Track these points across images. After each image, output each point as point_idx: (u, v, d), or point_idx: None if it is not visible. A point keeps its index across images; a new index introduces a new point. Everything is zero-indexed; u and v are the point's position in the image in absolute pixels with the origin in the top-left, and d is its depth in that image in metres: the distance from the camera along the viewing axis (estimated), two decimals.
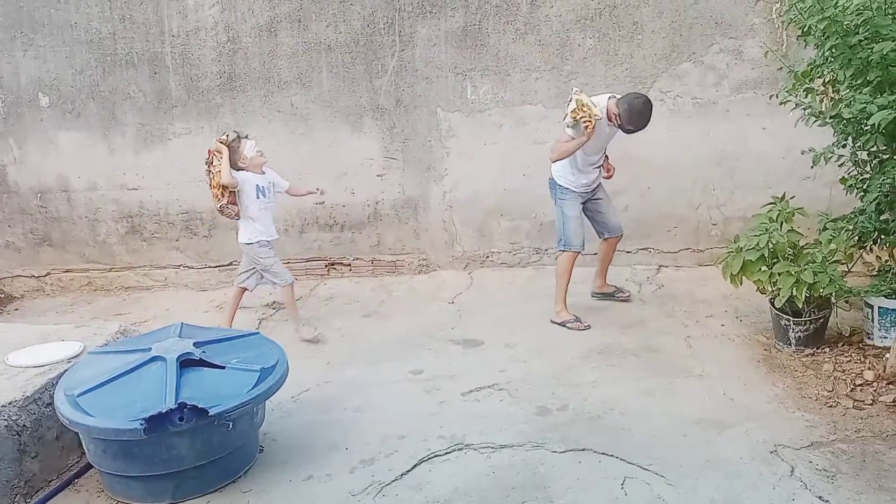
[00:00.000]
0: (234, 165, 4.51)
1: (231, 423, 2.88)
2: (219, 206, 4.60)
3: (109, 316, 5.29)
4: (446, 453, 3.12)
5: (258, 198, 4.60)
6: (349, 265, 5.94)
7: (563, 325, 4.53)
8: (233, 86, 5.68)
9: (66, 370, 3.11)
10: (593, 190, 4.72)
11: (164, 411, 2.70)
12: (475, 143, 5.65)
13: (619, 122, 4.33)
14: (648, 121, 4.35)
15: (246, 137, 4.66)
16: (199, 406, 2.75)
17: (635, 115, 4.28)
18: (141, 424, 2.67)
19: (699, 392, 3.57)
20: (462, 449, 3.15)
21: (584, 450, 3.10)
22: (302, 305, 5.31)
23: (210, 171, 4.57)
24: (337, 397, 3.72)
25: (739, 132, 5.41)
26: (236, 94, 5.69)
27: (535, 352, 4.16)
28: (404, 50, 5.56)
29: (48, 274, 6.07)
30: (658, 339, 4.27)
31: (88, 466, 3.03)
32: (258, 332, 3.63)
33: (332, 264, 5.93)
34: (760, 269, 3.91)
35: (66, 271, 6.07)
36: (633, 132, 4.39)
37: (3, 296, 5.97)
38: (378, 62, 5.60)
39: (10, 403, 2.83)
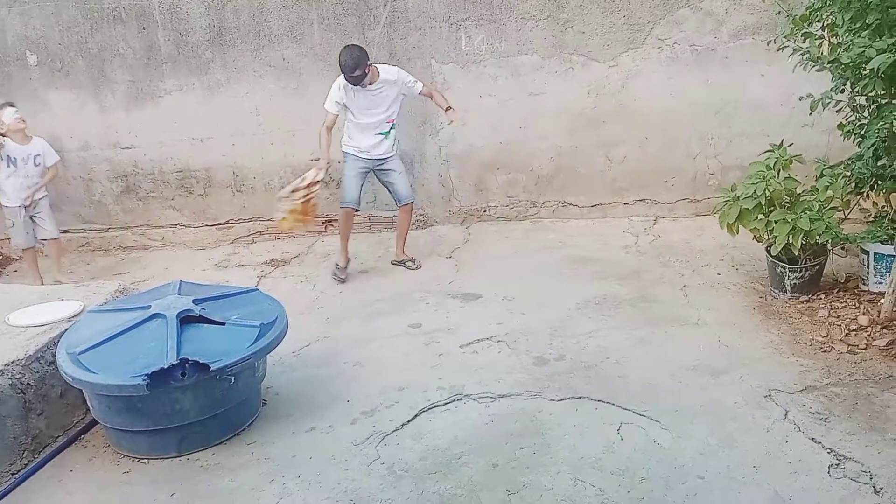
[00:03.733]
0: None
1: (233, 378, 2.92)
2: None
3: (108, 276, 5.31)
4: (446, 403, 3.17)
5: (8, 166, 5.08)
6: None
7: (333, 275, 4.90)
8: (223, 40, 5.58)
9: (67, 329, 3.13)
10: (382, 160, 4.91)
11: (166, 367, 2.73)
12: (470, 96, 5.58)
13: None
14: (351, 60, 4.55)
15: (9, 105, 5.15)
16: (201, 361, 2.79)
17: (342, 65, 4.59)
18: (144, 380, 2.70)
19: (695, 340, 3.61)
20: (461, 399, 3.20)
21: (580, 398, 3.15)
22: (300, 262, 5.34)
23: None
24: (337, 352, 3.76)
25: (737, 79, 5.34)
26: (226, 48, 5.60)
27: (532, 304, 4.19)
28: (396, 0, 5.45)
29: None
30: (654, 289, 4.30)
31: (94, 422, 3.08)
32: (257, 289, 3.66)
33: (330, 221, 5.91)
34: (757, 217, 3.90)
35: (63, 232, 6.04)
36: (355, 77, 4.58)
37: (1, 258, 5.98)
38: (370, 13, 5.49)
39: (13, 362, 2.86)
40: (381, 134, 4.83)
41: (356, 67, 4.56)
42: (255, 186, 5.88)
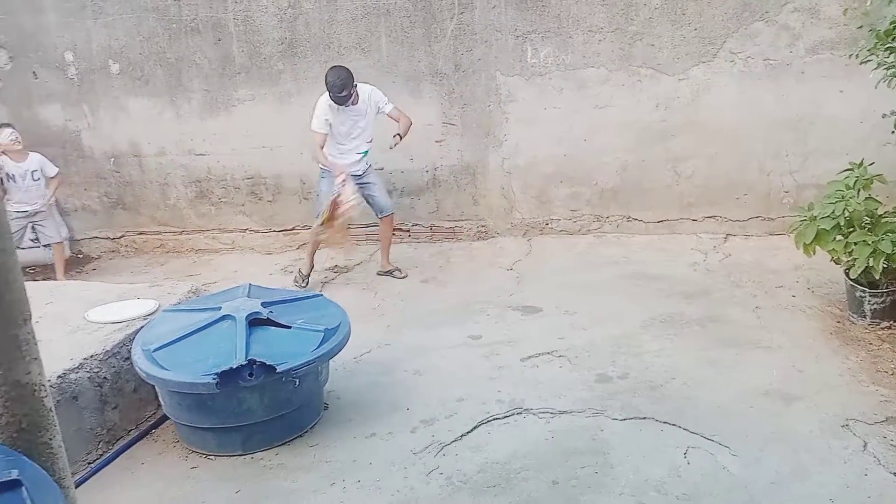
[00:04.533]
0: None
1: (297, 380, 2.97)
2: None
3: (181, 276, 5.49)
4: (505, 417, 3.14)
5: (7, 182, 5.43)
6: (408, 231, 5.98)
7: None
8: (294, 52, 5.73)
9: (143, 326, 3.25)
10: (360, 176, 4.99)
11: (234, 367, 2.81)
12: (535, 108, 5.56)
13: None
14: (339, 80, 4.68)
15: (6, 126, 5.49)
16: (268, 363, 2.85)
17: (329, 85, 4.71)
18: (214, 378, 2.78)
19: (767, 363, 3.48)
20: (521, 413, 3.17)
21: (645, 418, 3.07)
22: (362, 270, 5.40)
23: None
24: (397, 359, 3.78)
25: (814, 95, 5.16)
26: (297, 60, 5.74)
27: (594, 319, 4.13)
28: (463, 13, 5.49)
29: (122, 236, 6.33)
30: (724, 309, 4.17)
31: (164, 418, 3.18)
32: (321, 294, 3.73)
33: (392, 230, 5.96)
34: (835, 238, 3.75)
35: (140, 233, 6.31)
36: (342, 97, 4.72)
37: (80, 256, 6.27)
38: (437, 25, 5.54)
39: (91, 356, 2.98)
40: (361, 153, 4.98)
41: (343, 88, 4.69)
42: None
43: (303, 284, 5.07)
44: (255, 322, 3.10)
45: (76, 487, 2.70)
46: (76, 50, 5.91)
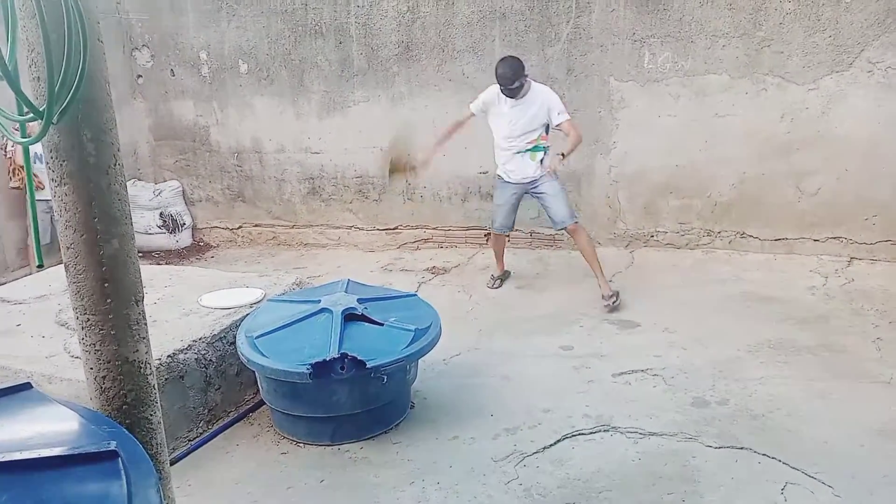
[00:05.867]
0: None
1: (385, 377, 3.04)
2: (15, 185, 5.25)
3: (289, 268, 5.76)
4: (591, 433, 3.07)
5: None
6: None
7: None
8: (409, 55, 5.86)
9: (248, 314, 3.44)
10: (532, 182, 4.75)
11: (328, 359, 2.91)
12: (648, 115, 5.39)
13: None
14: (510, 70, 4.48)
15: None
16: (359, 358, 2.93)
17: (500, 76, 4.52)
18: (308, 369, 2.90)
19: (884, 400, 3.20)
20: (608, 430, 3.08)
21: (742, 448, 2.91)
22: (460, 272, 5.45)
23: (5, 153, 5.12)
24: (486, 364, 3.79)
25: None
26: (412, 63, 5.87)
27: (696, 339, 3.95)
28: (580, 16, 5.40)
29: (240, 227, 6.72)
30: (841, 338, 3.87)
31: (261, 402, 3.35)
32: (416, 294, 3.79)
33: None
34: None
35: (256, 225, 6.68)
36: (513, 90, 4.53)
37: (201, 244, 6.72)
38: (552, 29, 5.49)
39: (200, 339, 3.19)
40: (520, 153, 4.69)
41: (515, 79, 4.50)
42: (425, 196, 6.10)
43: (493, 285, 5.04)
44: (350, 317, 3.20)
45: (176, 462, 2.92)
46: (210, 50, 6.34)
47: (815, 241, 5.20)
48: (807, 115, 5.07)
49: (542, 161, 4.72)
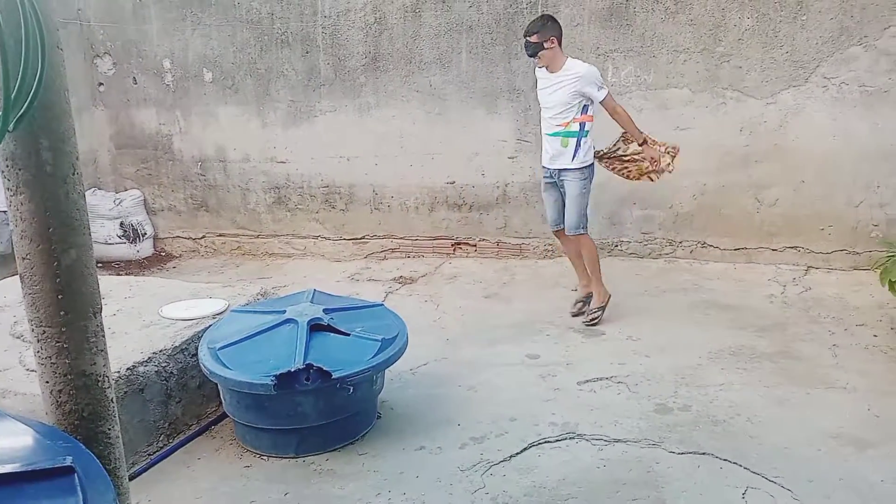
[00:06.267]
0: None
1: (352, 388, 3.01)
2: None
3: (254, 279, 5.69)
4: (557, 440, 3.09)
5: None
6: (475, 245, 6.00)
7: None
8: (376, 66, 5.87)
9: (211, 325, 3.39)
10: (560, 172, 4.33)
11: (292, 370, 2.88)
12: (612, 128, 5.45)
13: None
14: (531, 23, 4.23)
15: None
16: (325, 369, 2.91)
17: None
18: (272, 380, 2.86)
19: (840, 405, 3.28)
20: (573, 438, 3.10)
21: (704, 454, 2.95)
22: (426, 282, 5.45)
23: None
24: (453, 374, 3.79)
25: None
26: (379, 73, 5.88)
27: (659, 347, 4.01)
28: None
29: (203, 237, 6.63)
30: (799, 345, 3.97)
31: (224, 415, 3.29)
32: (382, 304, 3.77)
33: (459, 244, 6.02)
34: None
35: (219, 235, 6.60)
36: (526, 44, 4.22)
37: (163, 254, 6.61)
38: (518, 43, 5.54)
39: (160, 351, 3.13)
40: (552, 135, 4.27)
41: (532, 32, 4.11)
42: (392, 205, 6.10)
43: (574, 309, 4.53)
44: (315, 327, 3.17)
45: (136, 477, 2.86)
46: (173, 58, 6.27)
47: (773, 250, 5.34)
48: (765, 129, 5.21)
49: (575, 151, 4.24)
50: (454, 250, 6.05)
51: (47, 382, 1.76)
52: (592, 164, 4.35)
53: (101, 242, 6.31)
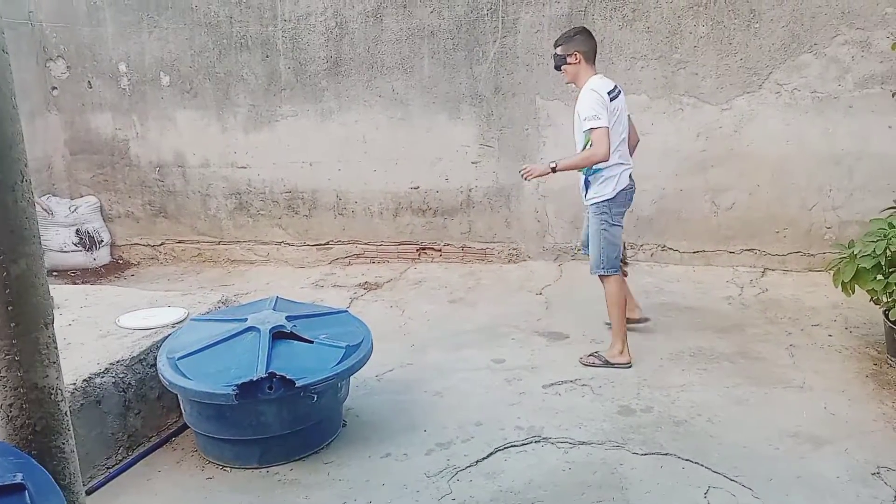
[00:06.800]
0: None
1: (316, 396, 2.98)
2: None
3: (215, 286, 5.60)
4: (523, 444, 3.10)
5: None
6: (440, 251, 6.00)
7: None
8: (338, 70, 5.83)
9: (170, 334, 3.31)
10: (586, 204, 3.93)
11: (255, 379, 2.83)
12: (572, 133, 5.52)
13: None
14: (560, 36, 3.84)
15: None
16: (288, 377, 2.86)
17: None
18: (233, 390, 2.80)
19: (797, 404, 3.36)
20: (539, 441, 3.12)
21: (666, 454, 2.99)
22: (392, 288, 5.43)
23: None
24: (419, 379, 3.78)
25: (862, 130, 5.03)
26: (341, 78, 5.84)
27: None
28: (506, 36, 5.52)
29: (162, 244, 6.50)
30: (757, 345, 4.05)
31: (185, 426, 3.22)
32: (347, 311, 3.73)
33: (423, 249, 6.02)
34: (875, 277, 3.62)
35: (179, 242, 6.47)
36: (553, 56, 3.86)
37: (121, 262, 6.45)
38: (479, 49, 5.58)
39: (118, 362, 3.05)
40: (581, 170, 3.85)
41: (558, 44, 3.77)
42: (356, 211, 6.06)
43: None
44: (278, 335, 3.13)
45: (94, 491, 2.78)
46: (129, 61, 6.14)
47: (730, 252, 5.45)
48: (720, 134, 5.32)
49: (586, 184, 3.84)
50: (419, 255, 6.04)
51: None
52: (614, 199, 3.76)
53: (56, 250, 6.14)
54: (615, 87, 3.78)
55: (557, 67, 3.86)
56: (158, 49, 6.06)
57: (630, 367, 3.80)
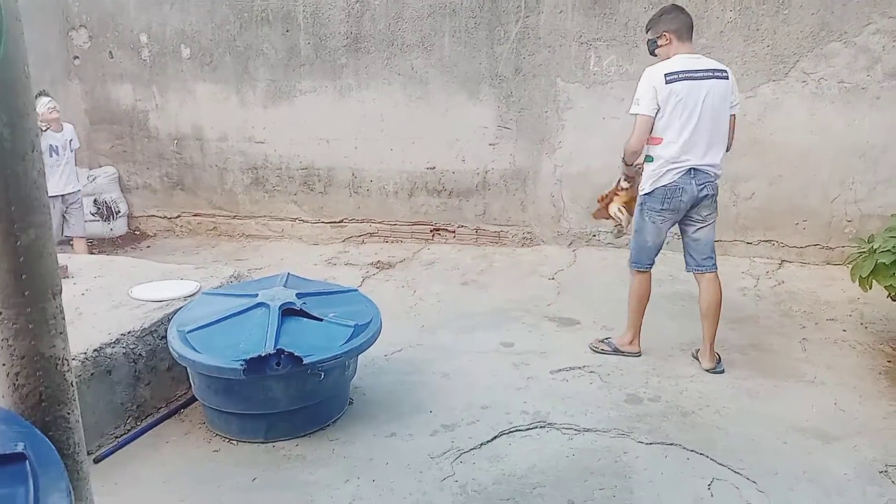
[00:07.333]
0: None
1: (323, 374, 2.99)
2: None
3: (230, 260, 5.64)
4: (528, 429, 3.10)
5: (51, 156, 5.01)
6: (454, 232, 5.99)
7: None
8: (358, 47, 5.79)
9: (182, 307, 3.34)
10: None
11: (263, 355, 2.84)
12: (593, 117, 5.47)
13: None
14: (650, 20, 3.61)
15: (43, 95, 5.04)
16: (296, 354, 2.88)
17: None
18: (241, 365, 2.82)
19: (807, 399, 3.33)
20: (544, 427, 3.11)
21: (672, 444, 2.98)
22: (404, 268, 5.43)
23: None
24: (427, 360, 3.78)
25: (889, 122, 4.92)
26: (360, 55, 5.80)
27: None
28: (529, 16, 5.44)
29: (179, 216, 6.54)
30: (770, 338, 4.01)
31: (193, 398, 3.26)
32: (356, 290, 3.74)
33: (437, 230, 6.00)
34: (894, 273, 3.55)
35: (195, 215, 6.51)
36: (648, 45, 3.62)
37: (137, 233, 6.51)
38: (501, 28, 5.51)
39: (129, 332, 3.08)
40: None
41: (647, 28, 3.59)
42: (371, 189, 6.05)
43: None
44: (288, 312, 3.14)
45: (102, 460, 2.82)
46: (151, 32, 6.14)
47: (747, 243, 5.38)
48: (744, 122, 5.20)
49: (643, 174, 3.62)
50: (433, 236, 6.03)
51: (3, 365, 1.71)
52: (651, 194, 3.53)
53: None
54: (687, 70, 3.36)
55: (652, 52, 3.59)
56: (179, 21, 6.05)
57: (639, 356, 3.78)
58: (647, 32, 3.64)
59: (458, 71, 5.66)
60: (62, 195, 5.19)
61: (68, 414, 1.78)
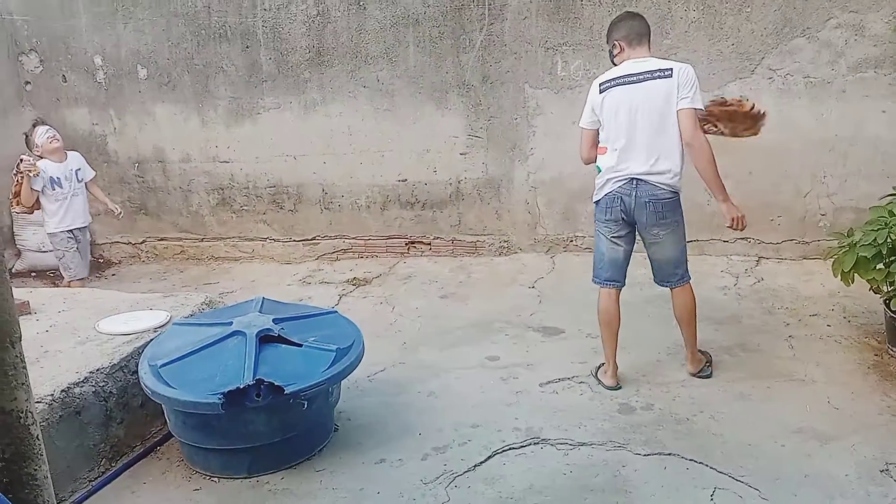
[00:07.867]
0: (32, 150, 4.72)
1: (306, 402, 2.86)
2: (14, 210, 5.12)
3: (199, 284, 5.45)
4: (521, 447, 3.00)
5: (53, 189, 4.70)
6: (429, 244, 5.88)
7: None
8: (321, 60, 5.67)
9: (152, 340, 3.18)
10: None
11: (241, 387, 2.70)
12: (563, 122, 5.41)
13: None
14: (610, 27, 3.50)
15: (41, 124, 4.81)
16: (276, 383, 2.74)
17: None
18: (219, 398, 2.68)
19: (801, 398, 3.29)
20: (538, 443, 3.02)
21: (670, 454, 2.91)
22: (381, 283, 5.30)
23: (15, 181, 4.66)
24: (412, 379, 3.67)
25: (856, 115, 4.96)
26: (324, 68, 5.68)
27: (618, 344, 3.95)
28: (493, 23, 5.38)
29: (144, 241, 6.32)
30: (755, 337, 3.98)
31: (170, 435, 3.09)
32: (336, 311, 3.61)
33: (413, 243, 5.89)
34: (876, 267, 3.55)
35: (161, 239, 6.30)
36: (610, 58, 3.51)
37: (101, 261, 6.27)
38: (466, 36, 5.44)
39: (98, 370, 2.92)
40: None
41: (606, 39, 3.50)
42: (343, 205, 5.92)
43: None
44: (265, 339, 3.00)
45: None
46: (105, 54, 5.94)
47: (724, 241, 5.38)
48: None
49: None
50: (408, 249, 5.92)
51: None
52: (597, 204, 3.49)
53: (34, 250, 5.96)
54: (624, 75, 3.30)
55: (613, 63, 3.49)
56: (134, 41, 5.86)
57: (618, 389, 3.45)
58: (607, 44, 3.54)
59: (424, 81, 5.57)
60: (70, 230, 4.82)
61: (35, 471, 1.64)
